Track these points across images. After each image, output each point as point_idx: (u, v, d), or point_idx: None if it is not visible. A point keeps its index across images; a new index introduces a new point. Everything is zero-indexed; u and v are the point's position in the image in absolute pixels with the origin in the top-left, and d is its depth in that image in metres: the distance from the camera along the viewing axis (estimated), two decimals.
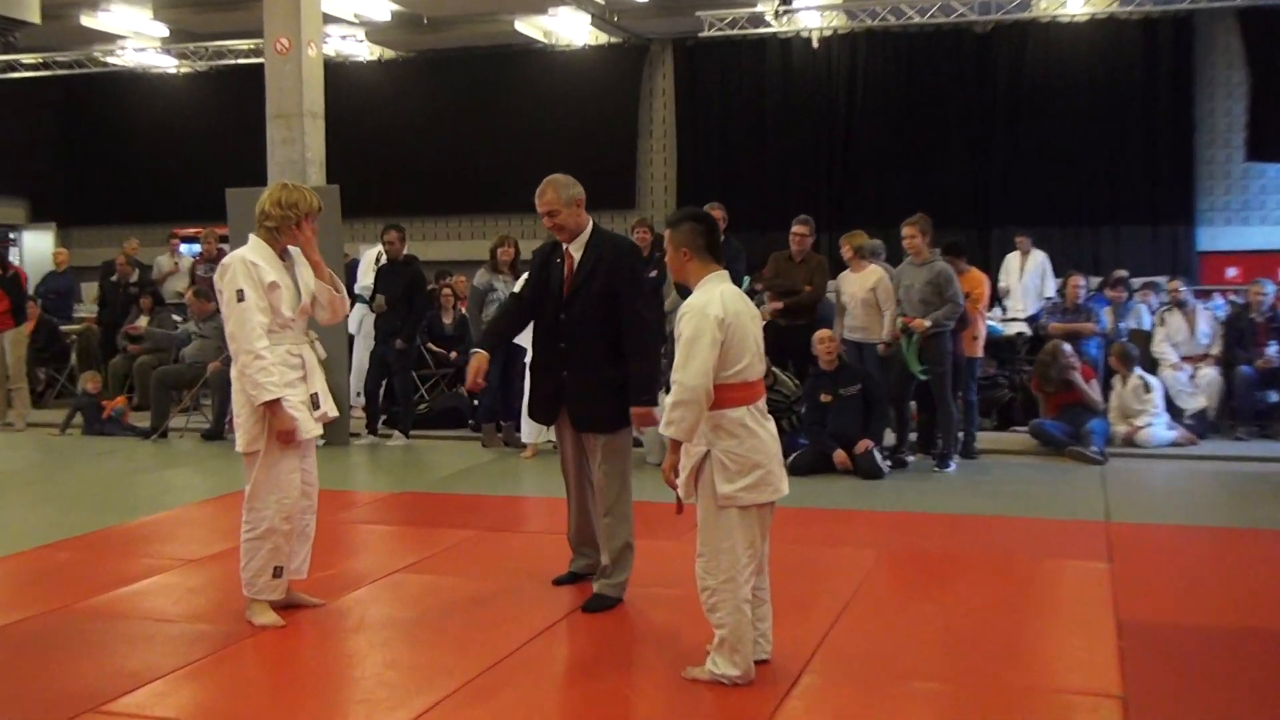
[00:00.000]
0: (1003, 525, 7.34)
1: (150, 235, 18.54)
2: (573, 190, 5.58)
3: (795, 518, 7.44)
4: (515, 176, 18.02)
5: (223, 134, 19.09)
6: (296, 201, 5.34)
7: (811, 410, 9.19)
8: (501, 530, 7.29)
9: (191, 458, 10.46)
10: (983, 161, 16.76)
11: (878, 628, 5.24)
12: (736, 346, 4.37)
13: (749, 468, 4.37)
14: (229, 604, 5.70)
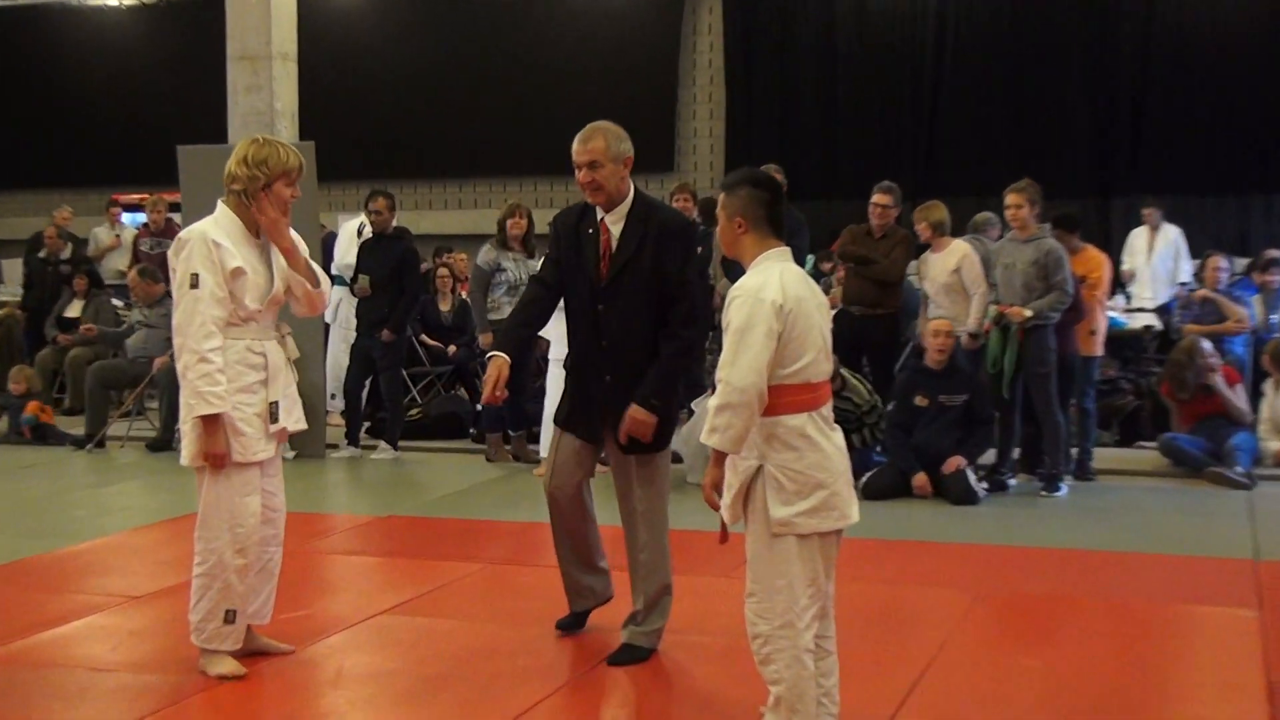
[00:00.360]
0: (1124, 563, 7.29)
1: (85, 203, 18.67)
2: (625, 145, 5.47)
3: (870, 551, 7.43)
4: (528, 135, 18.21)
5: (174, 80, 19.18)
6: (267, 158, 5.26)
7: (900, 410, 9.15)
8: (510, 563, 7.30)
9: (134, 472, 10.53)
10: (1105, 117, 16.63)
11: (970, 687, 5.21)
12: (798, 340, 4.31)
13: (810, 488, 4.31)
14: (179, 650, 5.73)
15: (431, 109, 18.76)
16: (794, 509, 4.28)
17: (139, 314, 12.00)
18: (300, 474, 10.13)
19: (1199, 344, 10.01)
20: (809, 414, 4.34)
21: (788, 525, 4.28)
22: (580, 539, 5.79)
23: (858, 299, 10.00)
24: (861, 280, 10.13)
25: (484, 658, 5.55)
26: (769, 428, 4.31)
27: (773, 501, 4.29)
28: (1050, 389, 8.97)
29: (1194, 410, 10.00)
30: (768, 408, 4.28)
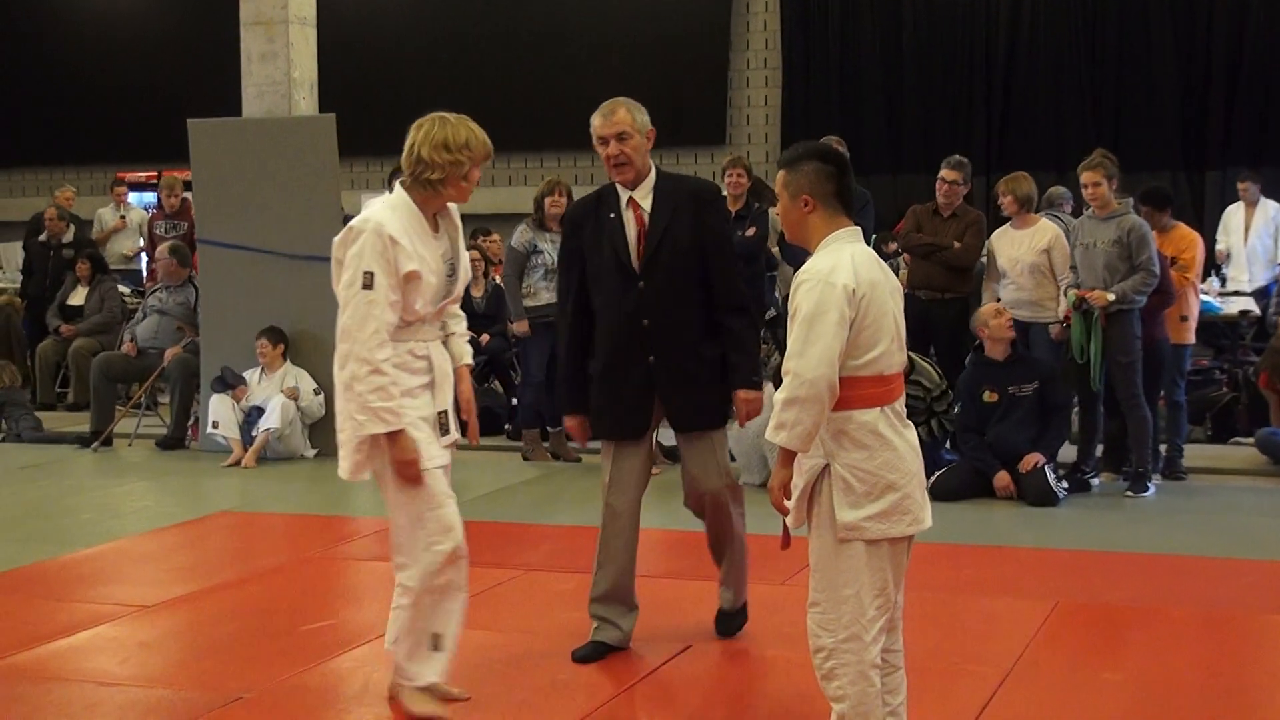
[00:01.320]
0: (1219, 569, 7.27)
1: (89, 181, 18.84)
2: (646, 117, 5.67)
3: (942, 556, 7.44)
4: (567, 107, 17.99)
5: (183, 49, 19.27)
6: (468, 140, 5.06)
7: (968, 412, 9.15)
8: (550, 570, 7.34)
9: (144, 472, 10.63)
10: (1196, 83, 16.50)
11: (1048, 703, 5.21)
12: (871, 328, 4.27)
13: (881, 489, 4.27)
14: (192, 663, 5.81)
15: (461, 78, 18.76)
16: (863, 512, 4.25)
17: (154, 299, 12.06)
18: (322, 474, 10.21)
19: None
20: (881, 409, 4.30)
21: (856, 530, 4.25)
22: (629, 560, 5.85)
23: (925, 283, 9.99)
24: (930, 264, 10.12)
25: (520, 671, 5.59)
26: (838, 423, 4.27)
27: (840, 504, 4.26)
28: (1135, 380, 8.94)
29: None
30: (838, 402, 4.24)
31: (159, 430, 11.66)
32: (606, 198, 5.74)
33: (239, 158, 11.07)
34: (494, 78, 18.60)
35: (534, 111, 18.26)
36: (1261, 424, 10.35)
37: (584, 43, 18.30)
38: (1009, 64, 17.14)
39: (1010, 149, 16.66)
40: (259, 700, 5.33)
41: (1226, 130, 16.30)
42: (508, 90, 18.53)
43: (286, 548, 8.08)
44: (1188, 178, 16.16)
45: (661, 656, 5.71)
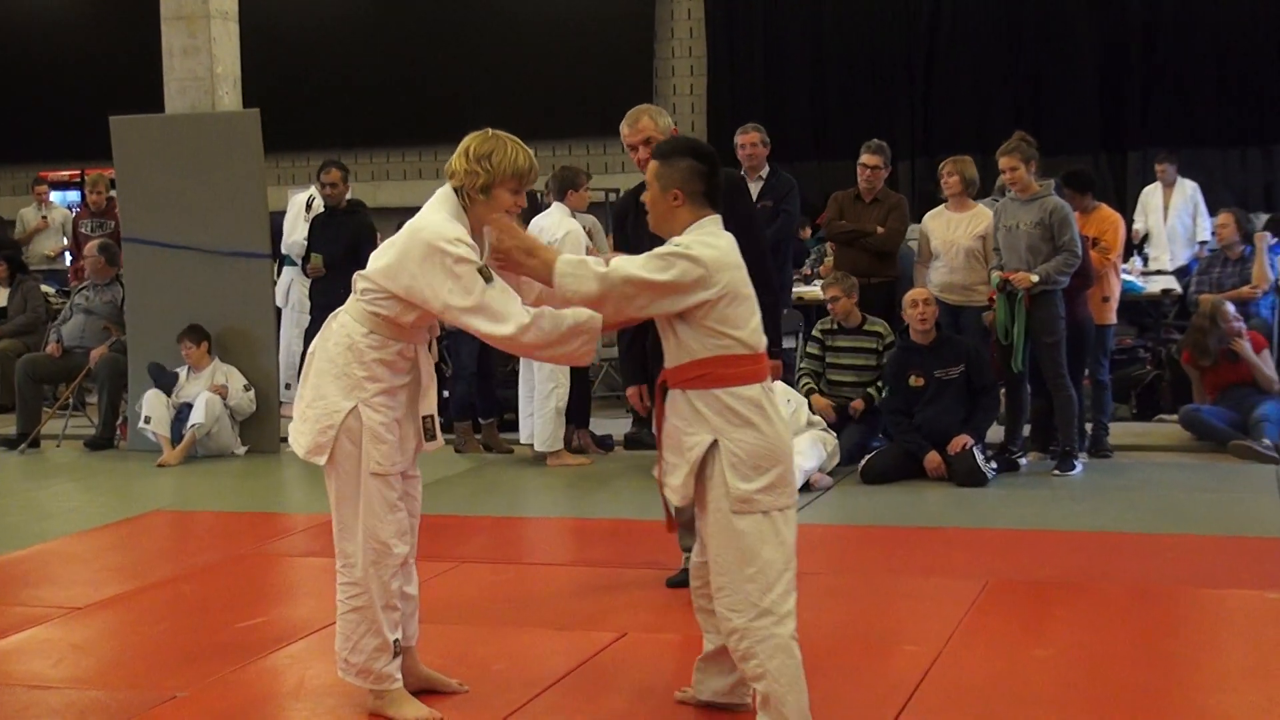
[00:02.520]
0: (1144, 545, 7.35)
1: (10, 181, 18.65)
2: (666, 119, 6.31)
3: (872, 538, 7.51)
4: (491, 96, 18.18)
5: (104, 45, 19.14)
6: (491, 152, 4.84)
7: (896, 396, 9.22)
8: (483, 562, 7.33)
9: (73, 472, 10.56)
10: (1114, 65, 16.66)
11: (981, 677, 5.26)
12: (739, 304, 4.42)
13: (769, 463, 4.36)
14: (127, 663, 5.78)
15: (388, 71, 18.72)
16: (755, 485, 4.32)
17: (80, 298, 11.96)
18: (254, 470, 10.18)
19: (1222, 306, 10.07)
20: (760, 385, 4.42)
21: (750, 503, 4.32)
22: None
23: (851, 268, 10.03)
24: (855, 250, 10.17)
25: (456, 664, 5.58)
26: (723, 400, 4.36)
27: (732, 478, 4.32)
28: (1060, 359, 9.01)
29: (1217, 379, 10.07)
30: (720, 378, 4.36)
31: (87, 430, 11.57)
32: (642, 189, 5.84)
33: (163, 154, 10.97)
34: (418, 71, 18.59)
35: (460, 103, 18.20)
36: (1185, 401, 10.46)
37: (507, 35, 18.28)
38: (931, 50, 17.27)
39: (933, 134, 16.80)
40: (195, 698, 5.29)
41: (1145, 112, 16.48)
42: (433, 83, 18.52)
43: (219, 545, 8.03)
44: (1108, 159, 16.35)
45: (597, 645, 5.72)
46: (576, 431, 10.10)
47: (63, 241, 15.13)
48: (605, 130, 17.53)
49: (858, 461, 9.19)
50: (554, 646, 5.78)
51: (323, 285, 10.75)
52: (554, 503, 9.09)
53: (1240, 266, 10.95)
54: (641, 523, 8.10)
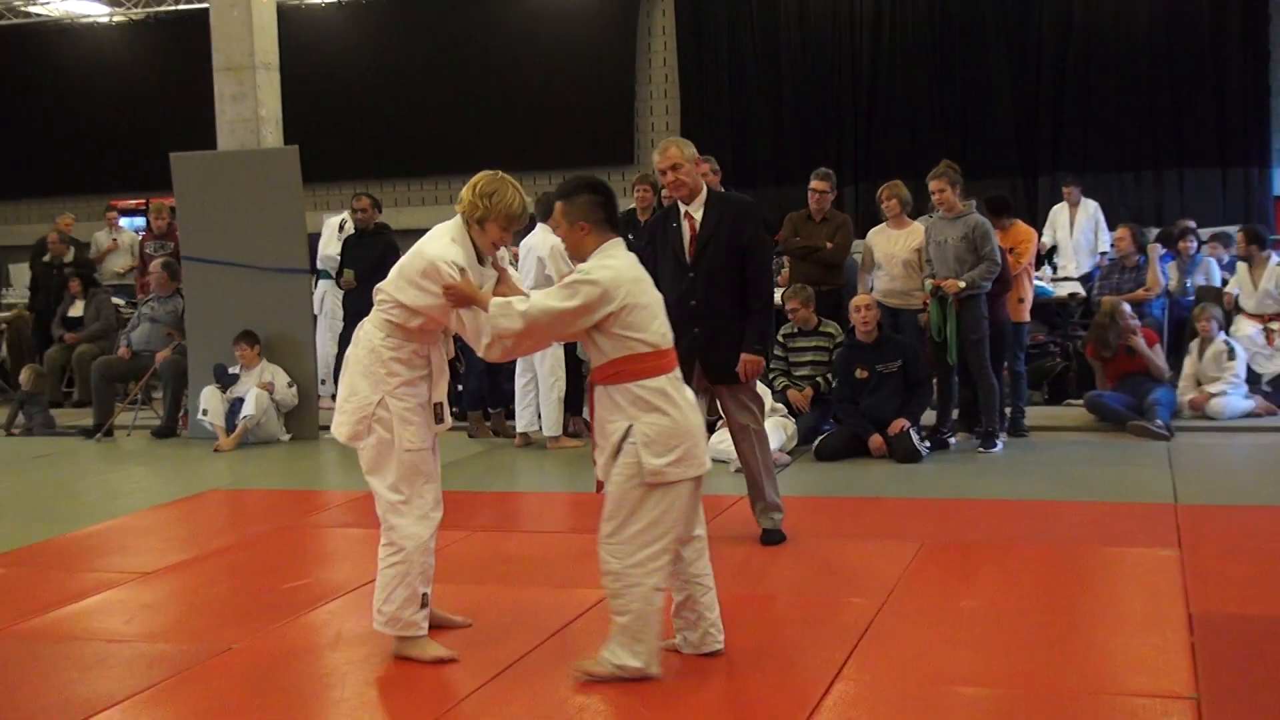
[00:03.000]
0: (1057, 510, 7.37)
1: (86, 208, 18.58)
2: (693, 149, 6.53)
3: (824, 507, 7.52)
4: (496, 132, 18.20)
5: (165, 91, 19.09)
6: (494, 192, 4.96)
7: (843, 387, 9.23)
8: (495, 530, 7.33)
9: (142, 458, 10.52)
10: (1028, 101, 16.70)
11: (918, 627, 5.28)
12: (640, 311, 4.60)
13: (675, 441, 4.56)
14: (189, 620, 5.77)
15: (407, 111, 18.72)
16: (664, 460, 4.54)
17: (146, 309, 11.95)
18: (297, 455, 10.16)
19: (1120, 306, 10.09)
20: (666, 376, 4.63)
21: (660, 474, 4.53)
22: None
23: (804, 279, 10.02)
24: (808, 263, 10.17)
25: (472, 615, 5.58)
26: (634, 392, 4.58)
27: (645, 455, 4.53)
28: (984, 353, 9.03)
29: (1117, 369, 10.09)
30: (630, 374, 4.58)
31: (153, 422, 11.53)
32: (670, 211, 6.69)
33: (216, 185, 10.95)
34: (433, 111, 18.61)
35: (469, 138, 18.22)
36: (1089, 388, 10.48)
37: (512, 80, 18.28)
38: (871, 89, 17.31)
39: (874, 161, 16.83)
40: (248, 649, 5.30)
41: (1054, 142, 16.54)
42: (445, 121, 18.53)
43: (267, 519, 8.02)
44: (1024, 182, 16.39)
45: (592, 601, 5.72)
46: (572, 418, 10.10)
47: (130, 260, 15.06)
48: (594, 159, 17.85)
49: (811, 443, 9.21)
50: (554, 602, 5.77)
51: (354, 296, 10.77)
52: (554, 480, 9.09)
53: (1135, 273, 10.97)
54: None
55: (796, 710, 4.36)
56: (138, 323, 11.90)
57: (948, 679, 4.68)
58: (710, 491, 7.01)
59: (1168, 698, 4.42)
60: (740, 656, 4.99)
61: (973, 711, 4.43)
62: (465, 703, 4.61)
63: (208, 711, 4.68)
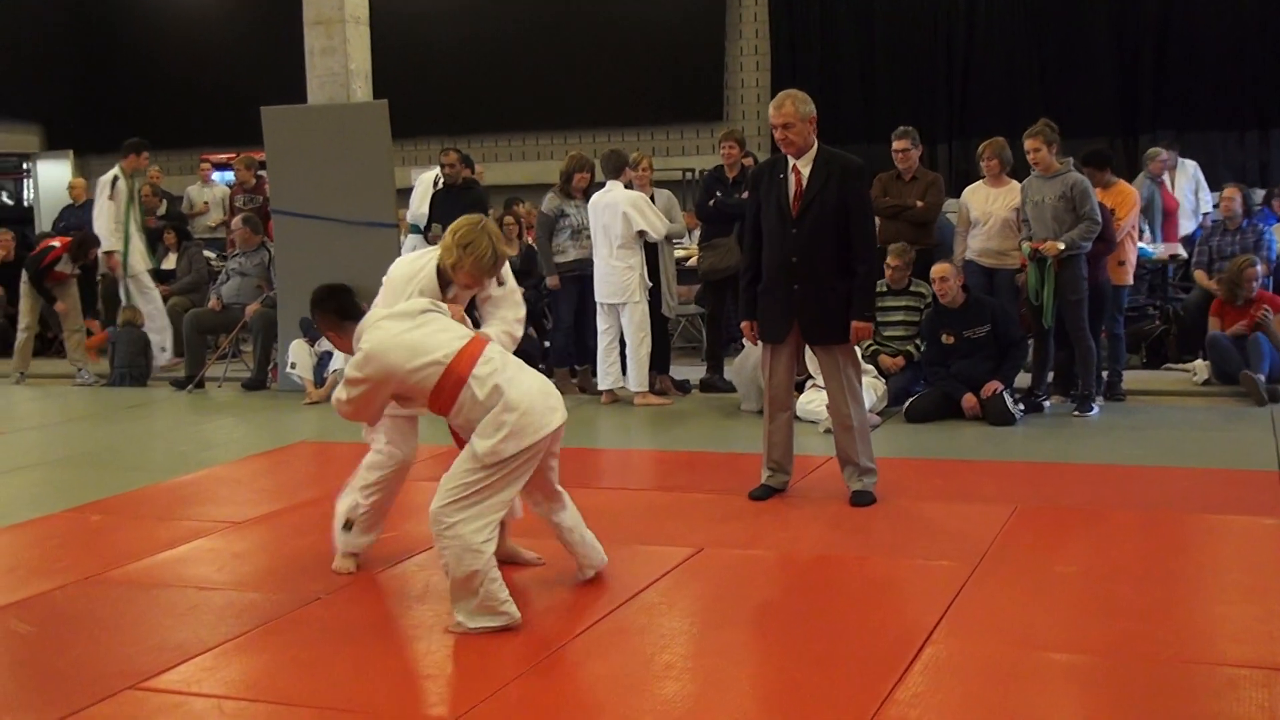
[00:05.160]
0: (1155, 476, 7.26)
1: (178, 162, 18.83)
2: (810, 107, 6.48)
3: (916, 470, 7.46)
4: (587, 88, 18.17)
5: (255, 46, 19.25)
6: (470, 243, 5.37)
7: (932, 350, 9.14)
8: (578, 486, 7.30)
9: (232, 409, 10.67)
10: (1129, 58, 16.36)
11: (1011, 593, 5.22)
12: (414, 353, 4.94)
13: (496, 425, 4.88)
14: (278, 570, 5.84)
15: (496, 68, 18.71)
16: (490, 441, 4.84)
17: (234, 263, 12.09)
18: None
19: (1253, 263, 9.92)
20: (471, 376, 4.89)
21: (493, 454, 4.84)
22: (789, 427, 6.79)
23: (894, 238, 9.89)
24: (898, 223, 10.05)
25: (555, 575, 5.60)
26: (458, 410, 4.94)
27: (476, 442, 4.88)
28: (1082, 315, 8.88)
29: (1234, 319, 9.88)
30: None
31: (243, 374, 11.70)
32: (779, 163, 6.64)
33: (306, 139, 11.04)
34: (523, 67, 18.55)
35: (558, 95, 18.21)
36: (1189, 352, 10.33)
37: (600, 37, 18.21)
38: (968, 44, 17.03)
39: (968, 118, 16.60)
40: (334, 599, 5.36)
41: (1156, 98, 16.20)
42: (535, 77, 18.49)
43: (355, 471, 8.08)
44: (1123, 142, 16.07)
45: (678, 559, 5.73)
46: (659, 376, 10.09)
47: (221, 214, 15.25)
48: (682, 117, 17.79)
49: (902, 404, 9.13)
50: (640, 560, 5.79)
51: None
52: (639, 437, 9.10)
53: (1238, 236, 10.74)
54: (714, 454, 8.11)
55: (886, 673, 4.33)
56: (227, 276, 12.04)
57: (1039, 645, 4.63)
58: (800, 451, 7.07)
59: (1269, 669, 4.34)
60: (830, 618, 4.97)
61: (1065, 678, 4.38)
62: (554, 654, 4.63)
63: (297, 660, 4.74)
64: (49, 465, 8.63)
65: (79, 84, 20.97)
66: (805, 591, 5.47)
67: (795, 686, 4.35)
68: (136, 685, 4.46)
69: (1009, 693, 4.21)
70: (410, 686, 4.55)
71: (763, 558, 5.87)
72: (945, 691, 4.25)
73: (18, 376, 12.39)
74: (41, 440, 9.53)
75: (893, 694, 4.18)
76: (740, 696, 4.33)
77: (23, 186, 20.79)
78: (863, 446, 6.67)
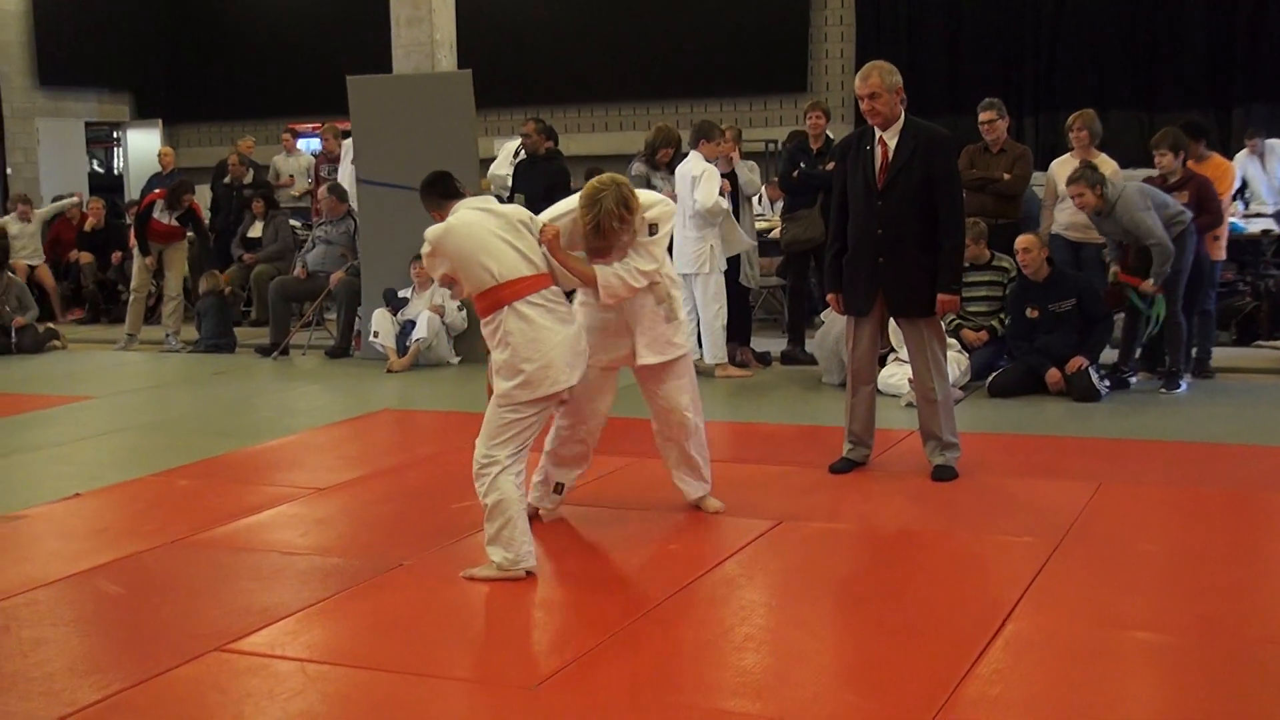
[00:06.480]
0: (1243, 455, 7.13)
1: (264, 131, 19.01)
2: (896, 78, 6.43)
3: (999, 445, 7.40)
4: (670, 59, 18.11)
5: (342, 15, 19.35)
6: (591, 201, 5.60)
7: (1016, 324, 9.04)
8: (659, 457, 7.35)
9: (316, 377, 10.79)
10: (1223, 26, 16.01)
11: (1094, 570, 5.17)
12: (477, 254, 5.33)
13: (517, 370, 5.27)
14: (361, 536, 5.92)
15: (581, 37, 18.69)
16: (510, 384, 5.25)
17: (320, 231, 12.20)
18: (466, 377, 10.31)
19: None
20: (510, 305, 5.28)
21: (508, 397, 5.27)
22: (871, 400, 6.77)
23: (979, 211, 9.78)
24: (984, 195, 9.95)
25: (637, 544, 5.63)
26: (490, 327, 5.37)
27: (496, 381, 5.33)
28: (1178, 292, 8.74)
29: None
30: (484, 309, 5.38)
31: (327, 342, 11.82)
32: (866, 134, 6.59)
33: (391, 109, 11.10)
34: (605, 35, 18.51)
35: (641, 65, 18.15)
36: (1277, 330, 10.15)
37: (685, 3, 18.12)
38: (1056, 14, 16.73)
39: (1056, 90, 16.31)
40: (416, 566, 5.42)
41: (1251, 69, 15.84)
42: (617, 47, 18.43)
43: (437, 439, 8.17)
44: (1215, 114, 15.75)
45: (758, 531, 5.73)
46: (740, 348, 10.07)
47: (306, 183, 15.40)
48: (766, 88, 17.70)
49: (985, 379, 9.04)
50: (721, 531, 5.80)
51: None
52: (719, 409, 9.07)
53: None
54: (795, 427, 8.10)
55: (967, 650, 4.31)
56: (313, 245, 12.16)
57: (1122, 623, 4.58)
58: (882, 425, 7.03)
59: None
60: (911, 593, 4.96)
61: (1147, 657, 4.34)
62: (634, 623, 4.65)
63: (379, 625, 4.81)
64: (137, 430, 8.78)
65: (167, 54, 21.21)
66: (885, 566, 5.46)
67: (874, 661, 4.35)
68: (222, 647, 4.54)
69: (1090, 671, 4.18)
70: (492, 652, 4.60)
71: (843, 531, 5.86)
72: (1026, 669, 4.23)
73: (126, 340, 12.60)
74: (131, 405, 9.69)
75: (973, 670, 4.16)
76: (819, 670, 4.33)
77: (113, 155, 21.11)
78: (946, 421, 6.62)
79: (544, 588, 5.16)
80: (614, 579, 5.23)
